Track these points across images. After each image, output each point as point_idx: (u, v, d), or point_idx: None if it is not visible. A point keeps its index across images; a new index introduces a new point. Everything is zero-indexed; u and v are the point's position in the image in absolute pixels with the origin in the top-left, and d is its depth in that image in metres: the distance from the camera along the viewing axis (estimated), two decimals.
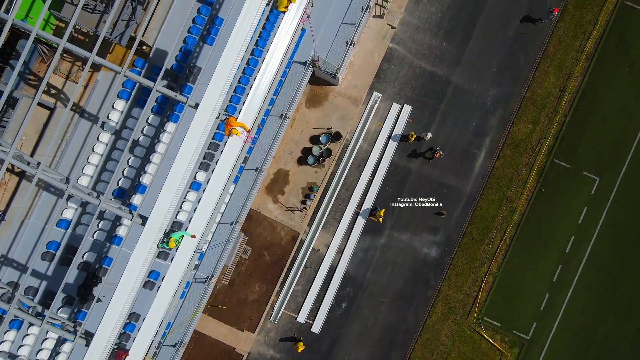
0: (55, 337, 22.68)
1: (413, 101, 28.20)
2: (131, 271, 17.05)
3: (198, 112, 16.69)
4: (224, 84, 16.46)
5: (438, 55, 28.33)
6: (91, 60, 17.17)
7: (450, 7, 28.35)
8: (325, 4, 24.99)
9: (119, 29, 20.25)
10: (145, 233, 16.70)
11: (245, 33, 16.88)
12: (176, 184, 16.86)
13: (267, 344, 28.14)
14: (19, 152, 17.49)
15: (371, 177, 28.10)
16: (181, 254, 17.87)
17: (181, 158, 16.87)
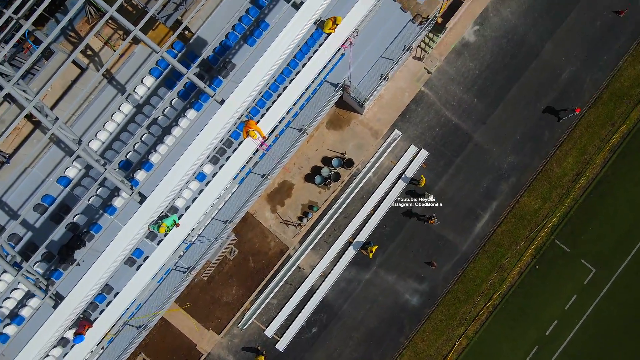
0: (25, 290, 22.57)
1: (431, 147, 28.29)
2: (118, 244, 17.03)
3: (222, 108, 16.84)
4: (255, 87, 16.63)
5: (466, 110, 28.48)
6: (133, 34, 17.46)
7: (490, 67, 28.60)
8: (370, 34, 25.28)
9: (167, 9, 20.62)
10: (141, 212, 16.73)
11: (287, 44, 17.10)
12: (183, 171, 16.95)
13: (229, 349, 27.81)
14: (41, 103, 17.69)
15: (372, 211, 28.05)
16: (169, 240, 17.86)
17: (195, 147, 16.97)
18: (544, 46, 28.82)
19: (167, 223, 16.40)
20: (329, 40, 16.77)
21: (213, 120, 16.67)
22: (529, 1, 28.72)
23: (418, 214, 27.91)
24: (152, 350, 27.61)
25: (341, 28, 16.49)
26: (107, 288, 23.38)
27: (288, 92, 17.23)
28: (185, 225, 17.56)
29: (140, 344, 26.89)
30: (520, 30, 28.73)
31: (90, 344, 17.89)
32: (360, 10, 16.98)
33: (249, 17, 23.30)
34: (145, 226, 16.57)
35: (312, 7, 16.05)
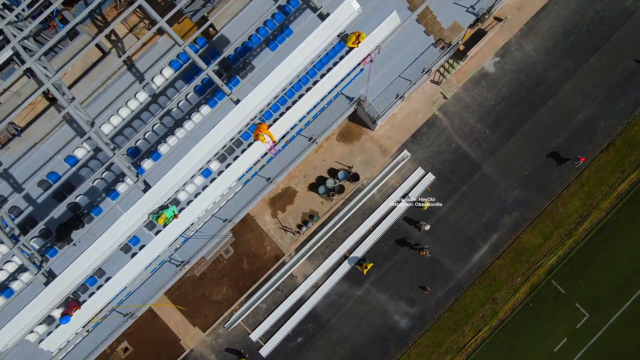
0: (18, 264, 22.64)
1: (438, 172, 28.26)
2: (116, 229, 17.04)
3: (237, 107, 16.93)
4: (271, 91, 16.73)
5: (477, 140, 28.49)
6: (159, 25, 17.66)
7: (506, 100, 28.64)
8: (391, 53, 25.38)
9: (195, 5, 20.87)
10: (143, 200, 16.77)
11: (309, 53, 17.20)
12: (190, 165, 17.00)
13: (212, 349, 27.66)
14: (60, 82, 17.88)
15: (372, 227, 27.99)
16: (167, 232, 17.86)
17: (204, 143, 17.02)
18: (563, 86, 28.84)
19: (167, 214, 16.43)
20: (350, 55, 16.88)
21: (226, 119, 16.76)
22: (552, 39, 28.82)
23: (411, 243, 27.77)
24: (135, 339, 27.51)
25: (364, 44, 16.60)
26: (99, 272, 23.43)
27: (303, 101, 17.30)
28: (184, 219, 17.58)
29: (125, 332, 26.91)
30: (541, 67, 28.80)
31: (76, 326, 17.85)
32: (385, 29, 17.10)
33: (274, 22, 23.54)
34: (145, 215, 16.60)
35: (337, 21, 16.19)
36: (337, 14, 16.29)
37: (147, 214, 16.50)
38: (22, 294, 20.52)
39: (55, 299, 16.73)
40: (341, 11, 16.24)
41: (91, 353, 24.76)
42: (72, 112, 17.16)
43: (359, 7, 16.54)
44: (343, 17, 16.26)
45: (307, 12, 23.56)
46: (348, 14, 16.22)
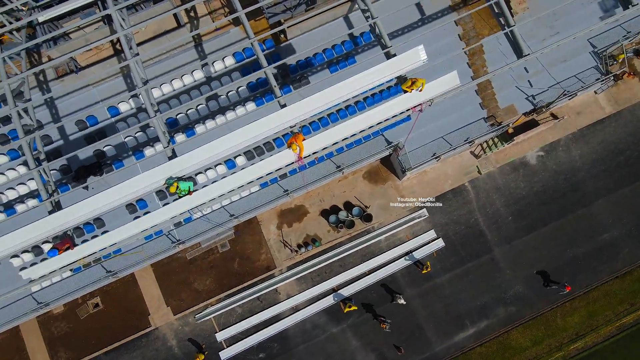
0: (30, 188, 23.32)
1: (449, 241, 27.98)
2: (132, 184, 17.43)
3: (281, 111, 17.40)
4: (317, 110, 17.16)
5: (497, 223, 28.19)
6: (237, 15, 18.43)
7: (538, 195, 28.39)
8: (441, 111, 25.69)
9: (276, 8, 21.70)
10: (166, 166, 17.16)
11: (364, 84, 17.63)
12: (220, 149, 17.42)
13: (176, 334, 27.49)
14: (131, 36, 18.77)
15: (368, 272, 27.74)
16: (175, 205, 18.20)
17: (240, 133, 17.42)
18: (598, 200, 28.47)
19: (182, 187, 16.75)
20: (402, 98, 17.22)
21: (268, 117, 17.18)
22: (600, 153, 28.65)
23: (377, 312, 27.33)
24: (108, 299, 27.62)
25: (418, 93, 16.96)
26: (99, 222, 23.93)
27: (344, 127, 17.67)
28: (195, 199, 17.89)
29: (102, 288, 27.13)
30: (581, 175, 28.57)
31: (60, 263, 18.15)
32: (442, 85, 17.45)
33: (342, 48, 24.29)
34: (163, 179, 16.97)
35: (401, 63, 16.65)
36: (403, 58, 16.75)
37: (164, 179, 16.86)
38: (23, 216, 21.16)
39: (54, 229, 17.10)
40: (408, 56, 16.71)
41: (64, 296, 24.98)
42: (132, 65, 17.91)
43: (426, 57, 16.98)
44: (408, 62, 16.71)
45: (376, 49, 24.29)
46: (414, 60, 16.66)
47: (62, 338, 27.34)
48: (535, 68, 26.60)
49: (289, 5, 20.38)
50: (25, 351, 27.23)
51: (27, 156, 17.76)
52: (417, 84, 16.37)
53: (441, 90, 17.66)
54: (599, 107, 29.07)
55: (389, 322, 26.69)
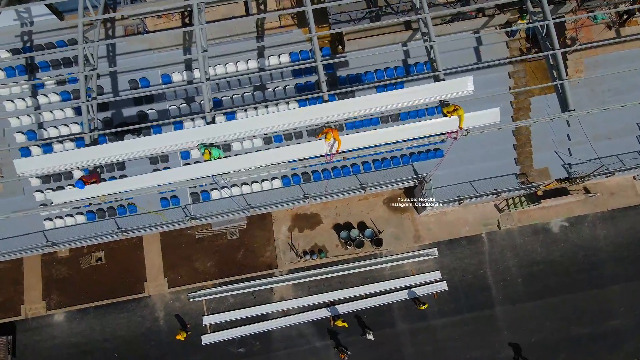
0: (71, 132, 24.43)
1: (453, 286, 27.63)
2: (166, 137, 18.23)
3: (323, 105, 17.89)
4: (358, 112, 17.65)
5: (506, 282, 27.71)
6: (303, 10, 19.18)
7: (553, 264, 27.88)
8: (473, 158, 25.81)
9: (341, 17, 22.43)
10: (204, 129, 17.76)
11: (407, 100, 18.00)
12: (254, 128, 18.00)
13: (166, 306, 27.79)
14: (202, 7, 19.68)
15: (365, 296, 27.56)
16: (203, 167, 18.71)
17: (278, 117, 18.00)
18: (614, 285, 27.70)
19: (214, 153, 17.28)
20: (441, 120, 17.53)
21: (310, 108, 17.72)
22: (627, 238, 28.03)
23: (336, 341, 27.06)
24: (111, 256, 28.27)
25: (457, 120, 17.29)
26: (120, 164, 24.62)
27: (375, 134, 18.14)
28: (221, 165, 18.30)
29: (108, 244, 27.88)
30: (602, 256, 27.94)
31: (83, 194, 18.79)
32: (482, 118, 17.76)
33: (394, 72, 24.88)
34: (196, 142, 17.54)
35: (447, 89, 17.03)
36: (451, 84, 17.13)
37: (198, 142, 17.42)
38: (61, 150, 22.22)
39: (85, 161, 17.83)
40: (455, 83, 17.08)
41: (74, 241, 25.72)
42: (197, 31, 18.71)
43: (473, 89, 17.34)
44: (454, 89, 17.08)
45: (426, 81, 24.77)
46: (460, 89, 17.02)
47: (59, 282, 28.02)
48: (578, 138, 26.46)
49: (355, 16, 21.15)
50: (21, 285, 28.00)
51: (80, 88, 18.52)
52: (458, 111, 16.68)
53: (480, 123, 17.92)
54: (635, 193, 28.57)
55: (348, 353, 26.39)
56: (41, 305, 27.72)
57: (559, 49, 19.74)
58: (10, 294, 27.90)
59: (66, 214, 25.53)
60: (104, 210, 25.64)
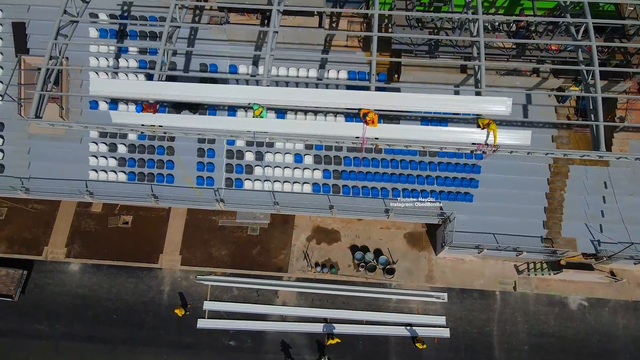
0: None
1: (455, 336, 26.96)
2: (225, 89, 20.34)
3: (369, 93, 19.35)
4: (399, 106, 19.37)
5: (511, 346, 26.74)
6: (370, 35, 20.90)
7: (564, 340, 26.81)
8: (501, 211, 26.09)
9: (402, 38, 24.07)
10: (259, 89, 19.51)
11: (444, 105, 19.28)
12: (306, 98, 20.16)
13: (173, 281, 28.51)
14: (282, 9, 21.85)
15: (365, 322, 27.32)
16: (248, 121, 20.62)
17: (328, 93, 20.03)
18: None
19: (264, 114, 18.77)
20: (473, 130, 18.41)
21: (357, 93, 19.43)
22: None
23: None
24: (138, 223, 29.68)
25: (487, 132, 18.11)
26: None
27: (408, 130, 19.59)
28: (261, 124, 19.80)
29: (138, 212, 29.54)
30: (618, 345, 26.68)
31: (139, 118, 20.69)
32: (515, 137, 18.61)
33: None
34: (250, 100, 19.06)
35: (485, 104, 18.01)
36: (490, 100, 18.06)
37: (250, 101, 18.97)
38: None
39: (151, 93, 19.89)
40: (494, 101, 18.01)
41: (110, 197, 27.49)
42: (270, 34, 20.83)
43: (510, 111, 18.25)
44: (492, 106, 18.00)
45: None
46: (498, 108, 17.93)
47: (84, 234, 29.53)
48: (612, 217, 26.21)
49: (415, 41, 22.86)
50: (50, 228, 29.68)
51: (157, 60, 20.58)
52: (491, 126, 17.46)
53: (511, 141, 18.65)
54: None
55: None
56: (62, 251, 29.14)
57: (602, 122, 20.12)
58: (38, 234, 29.59)
59: (111, 169, 27.46)
60: (144, 174, 27.40)
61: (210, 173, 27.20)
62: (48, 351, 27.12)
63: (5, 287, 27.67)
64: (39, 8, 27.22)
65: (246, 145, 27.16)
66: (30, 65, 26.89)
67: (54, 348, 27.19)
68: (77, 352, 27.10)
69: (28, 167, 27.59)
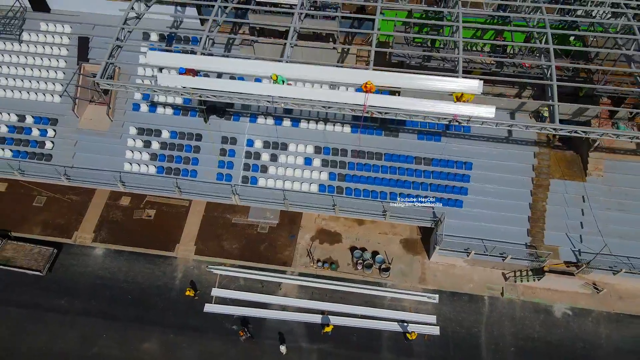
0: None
1: (445, 335, 28.35)
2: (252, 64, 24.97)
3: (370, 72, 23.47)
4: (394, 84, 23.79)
5: (497, 347, 27.97)
6: (371, 51, 25.40)
7: (549, 346, 27.95)
8: (488, 218, 28.82)
9: (400, 51, 28.56)
10: (282, 65, 23.94)
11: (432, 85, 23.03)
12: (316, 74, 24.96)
13: (186, 270, 31.01)
14: (298, 29, 26.62)
15: (360, 316, 29.09)
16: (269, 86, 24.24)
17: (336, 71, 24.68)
18: None
19: (279, 79, 22.67)
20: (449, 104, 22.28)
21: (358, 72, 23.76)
22: (630, 346, 27.79)
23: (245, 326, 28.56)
24: (160, 217, 32.90)
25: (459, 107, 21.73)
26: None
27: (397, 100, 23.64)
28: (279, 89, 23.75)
29: (162, 207, 32.97)
30: (600, 354, 27.71)
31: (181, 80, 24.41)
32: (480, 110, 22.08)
33: (435, 125, 29.86)
34: (271, 73, 23.10)
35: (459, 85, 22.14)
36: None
37: (272, 73, 23.05)
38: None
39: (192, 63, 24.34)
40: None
41: (140, 187, 31.05)
42: (287, 46, 25.53)
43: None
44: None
45: (461, 141, 29.47)
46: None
47: (111, 223, 32.75)
48: (591, 229, 28.63)
49: (410, 52, 27.31)
50: (82, 216, 33.04)
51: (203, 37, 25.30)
52: (465, 97, 20.95)
53: (479, 113, 22.20)
54: None
55: (249, 335, 27.95)
56: (90, 236, 32.23)
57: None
58: (71, 220, 32.91)
59: (143, 163, 31.26)
60: (172, 169, 31.11)
61: (230, 170, 30.83)
62: (64, 325, 29.25)
63: (35, 263, 30.53)
64: (101, 28, 32.71)
65: (263, 147, 30.98)
66: (88, 72, 31.91)
67: (70, 322, 29.34)
68: (90, 327, 29.15)
69: (72, 157, 31.61)
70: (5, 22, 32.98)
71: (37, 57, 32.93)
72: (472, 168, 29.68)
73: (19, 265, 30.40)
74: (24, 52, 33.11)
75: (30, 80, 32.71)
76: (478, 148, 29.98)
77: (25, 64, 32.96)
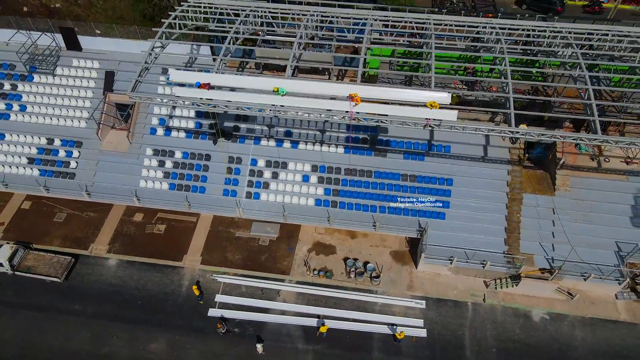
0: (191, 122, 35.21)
1: (431, 337, 30.41)
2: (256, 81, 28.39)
3: (359, 86, 26.94)
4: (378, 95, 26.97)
5: (481, 350, 29.94)
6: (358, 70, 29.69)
7: (528, 346, 30.01)
8: (470, 229, 31.91)
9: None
10: (282, 81, 27.32)
11: (409, 97, 26.47)
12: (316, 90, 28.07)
13: (192, 278, 33.54)
14: (298, 56, 31.03)
15: (353, 320, 31.35)
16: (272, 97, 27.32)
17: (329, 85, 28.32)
18: None
19: (281, 90, 26.36)
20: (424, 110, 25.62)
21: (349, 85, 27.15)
22: (602, 347, 29.73)
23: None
24: (170, 231, 35.79)
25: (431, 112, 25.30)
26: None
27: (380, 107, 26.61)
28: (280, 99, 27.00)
29: (170, 221, 35.88)
30: (576, 355, 29.68)
31: (194, 94, 27.60)
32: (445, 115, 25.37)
33: (419, 146, 33.57)
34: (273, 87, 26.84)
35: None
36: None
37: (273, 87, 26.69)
38: None
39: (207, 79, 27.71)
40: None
41: (153, 201, 34.35)
42: (289, 69, 29.83)
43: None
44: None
45: (443, 160, 33.18)
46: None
47: (125, 236, 35.70)
48: (561, 238, 31.61)
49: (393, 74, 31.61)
50: (98, 230, 36.02)
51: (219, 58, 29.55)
52: (434, 104, 24.64)
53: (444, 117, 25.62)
54: (615, 309, 31.41)
55: (225, 328, 30.11)
56: (105, 248, 35.08)
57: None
58: (88, 234, 35.87)
59: (157, 180, 34.74)
60: (182, 185, 34.56)
61: (235, 187, 34.26)
62: (77, 326, 31.50)
63: (54, 271, 33.22)
64: (126, 63, 37.34)
65: (265, 166, 34.59)
66: (112, 101, 36.17)
67: (83, 324, 31.60)
68: (101, 328, 31.38)
69: (94, 175, 35.18)
70: (42, 59, 37.69)
71: (67, 88, 37.37)
72: (452, 184, 33.10)
73: (39, 273, 33.11)
74: (57, 84, 37.59)
75: (60, 109, 36.92)
76: (457, 167, 33.55)
77: (57, 94, 37.33)
